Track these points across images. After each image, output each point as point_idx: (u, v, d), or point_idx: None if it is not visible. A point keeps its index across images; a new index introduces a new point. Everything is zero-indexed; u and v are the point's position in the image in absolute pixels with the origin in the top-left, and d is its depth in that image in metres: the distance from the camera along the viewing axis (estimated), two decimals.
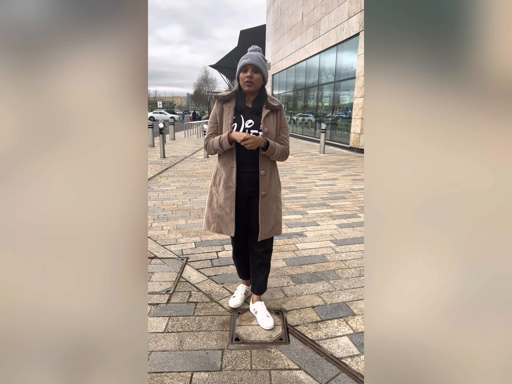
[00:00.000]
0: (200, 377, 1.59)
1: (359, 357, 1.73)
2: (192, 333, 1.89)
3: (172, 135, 14.05)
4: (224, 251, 3.01)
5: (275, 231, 2.02)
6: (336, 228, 3.67)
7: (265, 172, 1.88)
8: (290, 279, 2.53)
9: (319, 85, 14.09)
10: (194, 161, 8.51)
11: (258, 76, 1.79)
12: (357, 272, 2.66)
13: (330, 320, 2.04)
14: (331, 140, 12.81)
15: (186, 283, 2.45)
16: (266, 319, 1.96)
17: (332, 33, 12.17)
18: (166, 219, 3.88)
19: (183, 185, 5.67)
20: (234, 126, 1.84)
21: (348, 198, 5.01)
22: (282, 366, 1.66)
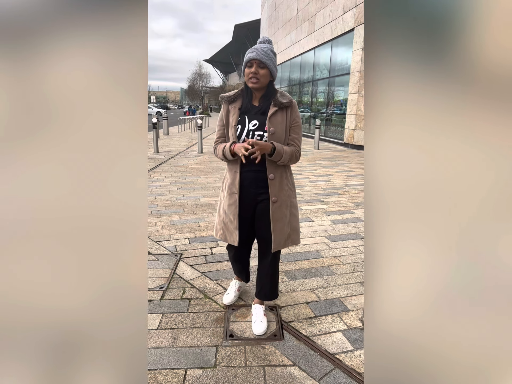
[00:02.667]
0: (194, 374, 1.58)
1: (353, 353, 1.74)
2: (186, 330, 1.88)
3: (165, 130, 13.94)
4: (218, 247, 2.99)
5: (292, 240, 1.85)
6: (330, 224, 3.68)
7: (274, 175, 1.73)
8: (285, 275, 2.53)
9: (313, 80, 14.06)
10: (188, 156, 8.46)
11: (264, 71, 1.64)
12: (351, 268, 2.67)
13: (324, 316, 2.04)
14: (325, 136, 12.82)
15: (180, 279, 2.43)
16: (259, 324, 1.88)
17: (327, 28, 12.13)
18: (160, 215, 3.85)
19: (176, 181, 5.63)
20: (238, 128, 1.71)
21: (342, 194, 5.02)
22: (276, 362, 1.66)
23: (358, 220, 3.82)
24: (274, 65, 1.69)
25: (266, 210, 1.77)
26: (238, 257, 2.04)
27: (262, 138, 1.68)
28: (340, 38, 11.40)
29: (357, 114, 10.26)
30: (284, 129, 1.71)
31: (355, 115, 10.33)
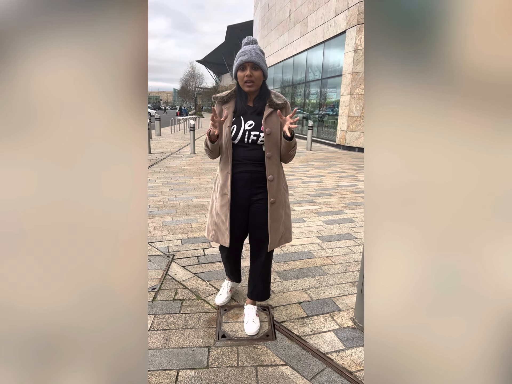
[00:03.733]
0: (186, 375, 1.58)
1: (344, 352, 1.75)
2: (178, 331, 1.88)
3: (158, 130, 13.86)
4: (210, 248, 2.99)
5: (285, 239, 1.90)
6: (322, 225, 3.70)
7: (273, 176, 1.73)
8: (277, 276, 2.54)
9: (306, 82, 14.14)
10: (181, 157, 8.42)
11: (258, 73, 1.65)
12: (343, 268, 2.69)
13: (316, 315, 2.06)
14: (318, 137, 12.88)
15: (172, 280, 2.42)
16: (251, 324, 1.89)
17: (319, 30, 12.21)
18: (152, 216, 3.83)
19: (169, 182, 5.60)
20: (233, 128, 1.71)
21: (334, 195, 5.06)
22: (269, 362, 1.67)
23: (350, 221, 3.85)
24: (266, 65, 1.70)
25: (261, 211, 1.78)
26: (231, 258, 2.04)
27: (258, 138, 1.69)
28: (332, 40, 11.48)
29: (349, 115, 10.34)
30: (279, 129, 1.72)
31: (347, 116, 10.41)
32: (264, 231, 1.80)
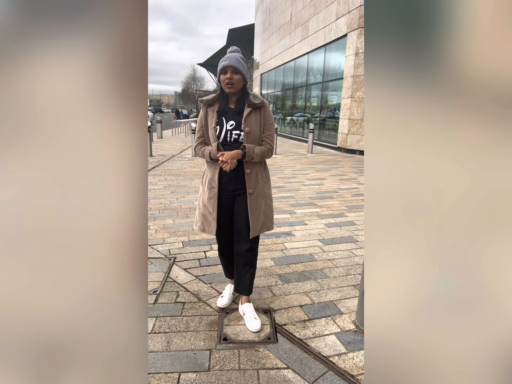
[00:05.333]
0: (187, 377, 1.58)
1: (346, 355, 1.75)
2: (180, 334, 1.88)
3: (159, 133, 13.89)
4: (212, 251, 2.99)
5: (266, 227, 2.04)
6: (324, 228, 3.70)
7: (250, 170, 1.91)
8: (278, 279, 2.53)
9: (307, 85, 14.17)
10: (182, 160, 8.44)
11: (238, 77, 1.81)
12: (345, 271, 2.68)
13: (318, 319, 2.05)
14: (319, 140, 12.89)
15: (174, 283, 2.42)
16: (253, 321, 1.95)
17: (321, 33, 12.25)
18: (153, 219, 3.83)
19: (170, 184, 5.61)
20: (217, 129, 1.87)
21: (336, 197, 5.05)
22: (270, 365, 1.66)
23: (351, 224, 3.85)
24: (246, 71, 1.86)
25: (243, 201, 1.95)
26: (224, 248, 2.16)
27: (239, 137, 1.86)
28: (333, 44, 11.52)
29: (350, 118, 10.35)
30: (258, 127, 1.89)
31: (348, 119, 10.42)
32: (245, 220, 1.96)
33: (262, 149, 1.90)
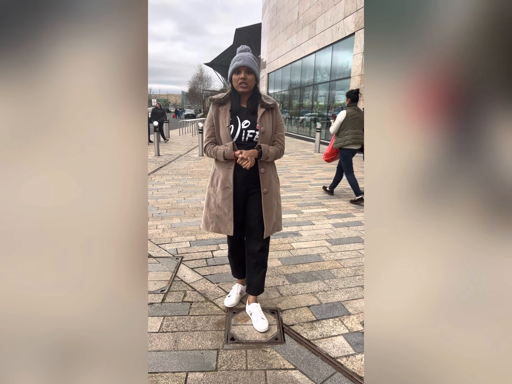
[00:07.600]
0: (195, 377, 1.58)
1: (354, 357, 1.73)
2: (187, 333, 1.88)
3: (166, 133, 13.96)
4: (219, 250, 2.99)
5: (277, 227, 2.05)
6: (331, 228, 3.67)
7: (265, 169, 1.93)
8: (286, 279, 2.53)
9: (314, 84, 14.10)
10: (189, 159, 8.47)
11: (251, 77, 1.82)
12: (352, 271, 2.66)
13: (326, 319, 2.04)
14: (326, 140, 12.83)
15: (181, 282, 2.43)
16: (261, 321, 1.94)
17: (328, 32, 12.18)
18: (161, 218, 3.85)
19: (177, 184, 5.63)
20: (231, 128, 1.86)
21: (343, 197, 5.02)
22: (278, 366, 1.66)
23: (359, 224, 3.82)
24: (258, 70, 1.88)
25: (256, 201, 1.95)
26: (236, 249, 2.15)
27: (254, 136, 1.87)
28: (340, 42, 11.44)
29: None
30: (271, 128, 1.92)
31: None
32: (258, 220, 1.96)
33: (275, 149, 1.92)
